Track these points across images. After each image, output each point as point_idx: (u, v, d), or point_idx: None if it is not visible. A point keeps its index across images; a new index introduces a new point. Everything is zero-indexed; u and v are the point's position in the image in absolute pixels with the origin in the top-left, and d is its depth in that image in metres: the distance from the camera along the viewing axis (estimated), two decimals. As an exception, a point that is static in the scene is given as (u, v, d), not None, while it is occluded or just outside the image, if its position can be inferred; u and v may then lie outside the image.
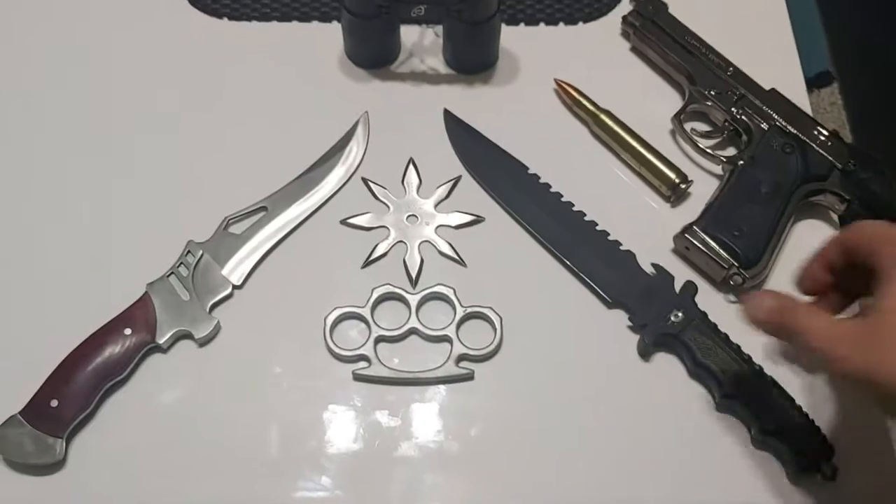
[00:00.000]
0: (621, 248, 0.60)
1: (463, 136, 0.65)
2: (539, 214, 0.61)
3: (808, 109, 0.65)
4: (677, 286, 0.58)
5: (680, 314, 0.56)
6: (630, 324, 0.57)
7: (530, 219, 0.61)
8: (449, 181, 0.63)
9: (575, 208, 0.61)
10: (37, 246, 0.60)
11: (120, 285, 0.57)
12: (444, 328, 0.57)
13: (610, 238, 0.60)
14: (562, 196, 0.62)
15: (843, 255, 0.48)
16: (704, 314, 0.56)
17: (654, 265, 0.58)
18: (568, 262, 0.59)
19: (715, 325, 0.56)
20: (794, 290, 0.59)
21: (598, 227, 0.60)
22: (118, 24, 0.70)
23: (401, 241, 0.61)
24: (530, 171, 0.63)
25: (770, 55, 0.69)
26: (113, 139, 0.65)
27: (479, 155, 0.64)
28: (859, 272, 0.46)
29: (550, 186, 0.62)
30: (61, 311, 0.57)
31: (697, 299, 0.57)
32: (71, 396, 0.52)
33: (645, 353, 0.56)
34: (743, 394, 0.53)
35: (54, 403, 0.52)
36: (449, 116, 0.66)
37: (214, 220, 0.60)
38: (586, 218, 0.61)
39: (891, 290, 0.43)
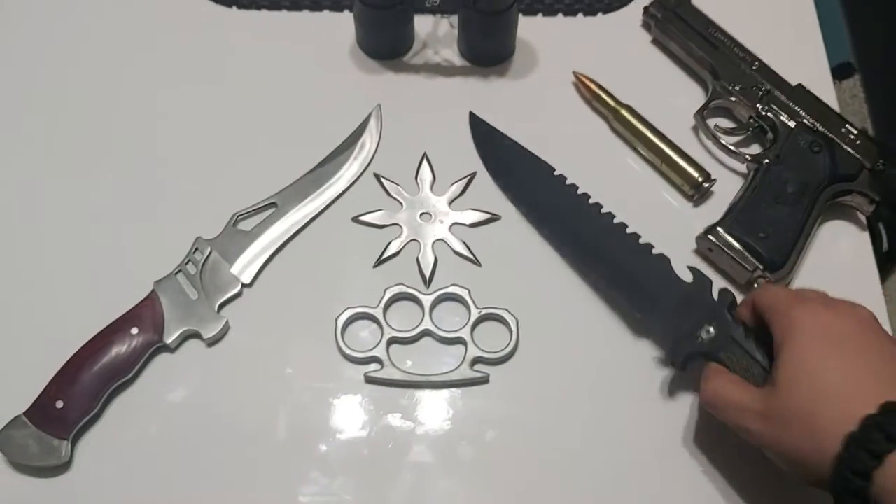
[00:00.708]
0: (654, 251, 0.55)
1: (488, 141, 0.62)
2: (568, 221, 0.58)
3: (835, 105, 0.63)
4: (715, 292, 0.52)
5: (712, 329, 0.49)
6: (657, 352, 0.55)
7: (559, 227, 0.58)
8: (464, 178, 0.61)
9: (604, 210, 0.58)
10: (42, 243, 0.59)
11: (127, 283, 0.55)
12: (458, 330, 0.55)
13: (641, 241, 0.56)
14: (589, 197, 0.58)
15: (754, 317, 0.49)
16: (744, 327, 0.49)
17: (690, 268, 0.53)
18: (599, 273, 0.56)
19: (756, 339, 0.49)
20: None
21: (628, 230, 0.56)
22: (127, 13, 0.69)
23: (414, 240, 0.59)
24: (556, 173, 0.60)
25: (795, 49, 0.67)
26: (120, 133, 0.63)
27: (505, 161, 0.61)
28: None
29: (578, 188, 0.59)
30: (67, 310, 0.56)
31: None
32: (76, 397, 0.51)
33: (678, 367, 0.51)
34: None
35: (59, 404, 0.51)
36: (475, 120, 0.63)
37: (223, 216, 0.59)
38: (616, 220, 0.57)
39: (783, 362, 0.44)
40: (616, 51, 0.67)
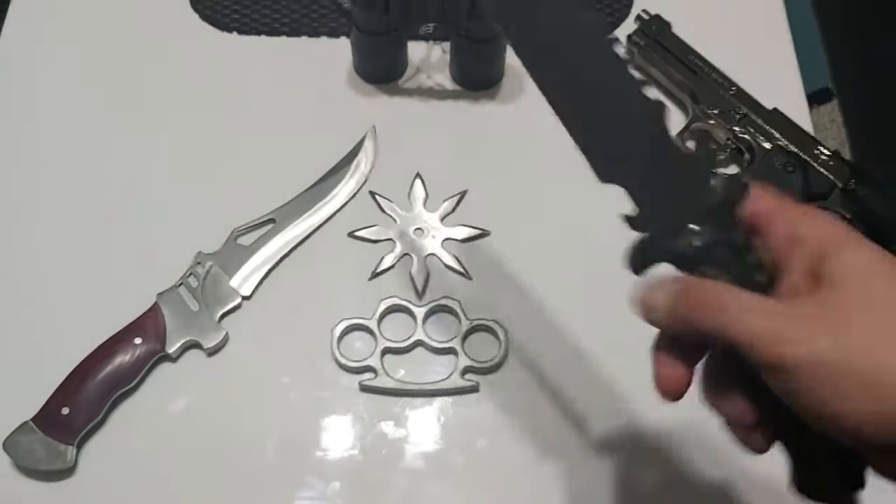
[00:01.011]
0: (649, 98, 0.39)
1: None
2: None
3: (809, 128, 0.66)
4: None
5: (700, 234, 0.35)
6: (630, 214, 0.39)
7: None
8: (455, 195, 0.64)
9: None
10: (50, 257, 0.61)
11: (130, 295, 0.57)
12: (449, 340, 0.57)
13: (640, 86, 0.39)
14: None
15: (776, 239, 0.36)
16: (746, 239, 0.36)
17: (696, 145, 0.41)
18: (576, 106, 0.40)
19: (759, 261, 0.35)
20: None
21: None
22: (127, 36, 0.71)
23: (407, 254, 0.61)
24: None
25: (772, 74, 0.70)
26: (122, 151, 0.65)
27: None
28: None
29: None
30: (73, 321, 0.58)
31: None
32: (82, 404, 0.53)
33: (636, 268, 0.38)
34: None
35: (65, 411, 0.53)
36: None
37: (223, 231, 0.61)
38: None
39: (845, 258, 0.33)
40: (601, 76, 0.70)
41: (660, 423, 0.56)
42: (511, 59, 0.68)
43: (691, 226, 0.36)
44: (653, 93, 0.69)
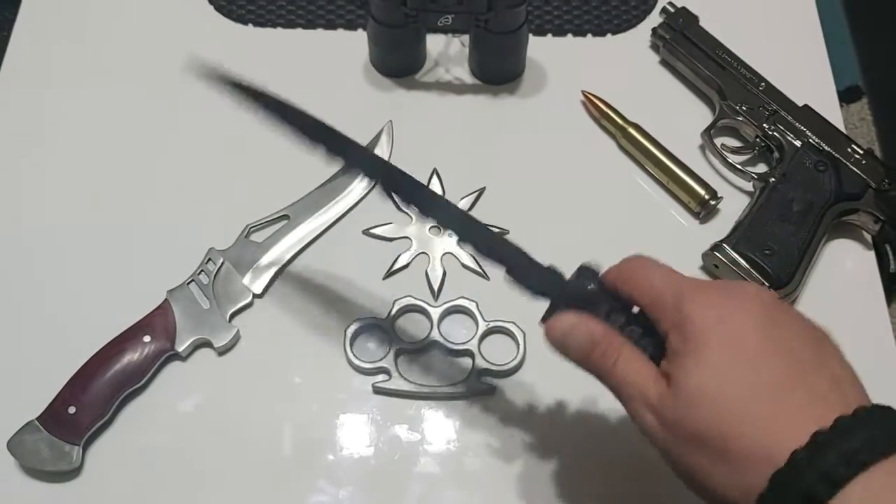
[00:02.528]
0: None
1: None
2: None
3: (840, 126, 0.63)
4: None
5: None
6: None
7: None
8: (473, 192, 0.62)
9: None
10: (57, 251, 0.60)
11: (140, 292, 0.56)
12: (465, 342, 0.56)
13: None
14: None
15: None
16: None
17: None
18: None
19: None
20: (825, 313, 0.58)
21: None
22: (142, 28, 0.70)
23: (423, 253, 0.60)
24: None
25: (802, 70, 0.68)
26: (135, 145, 0.64)
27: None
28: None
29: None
30: (80, 317, 0.57)
31: None
32: (88, 403, 0.52)
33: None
34: None
35: (72, 410, 0.52)
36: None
37: (236, 227, 0.60)
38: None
39: (683, 369, 0.37)
40: (624, 71, 0.68)
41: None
42: (532, 52, 0.67)
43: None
44: (678, 88, 0.67)
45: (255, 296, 0.58)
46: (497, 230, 0.61)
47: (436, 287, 0.58)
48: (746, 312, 0.37)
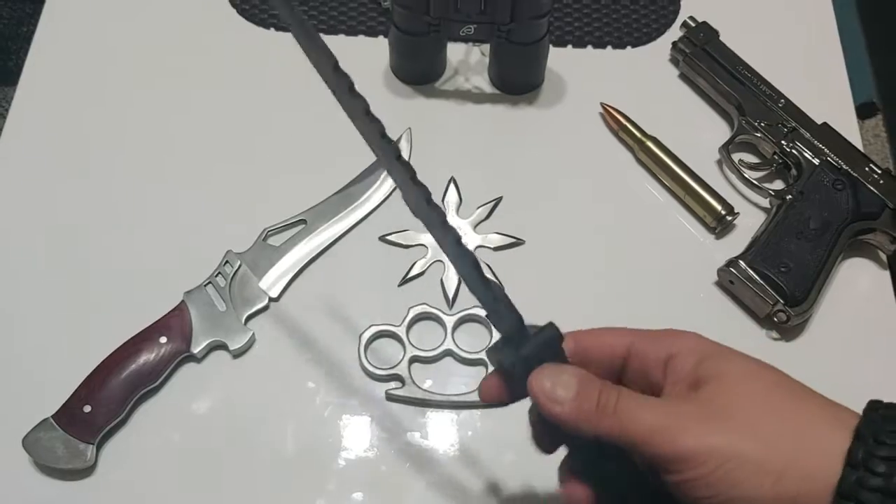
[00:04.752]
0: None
1: None
2: None
3: (858, 144, 0.63)
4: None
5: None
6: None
7: None
8: (489, 202, 0.62)
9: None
10: (75, 251, 0.60)
11: (157, 293, 0.57)
12: (479, 351, 0.56)
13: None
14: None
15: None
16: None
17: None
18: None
19: None
20: (839, 332, 0.58)
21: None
22: (164, 31, 0.71)
23: (438, 261, 0.60)
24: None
25: (821, 88, 0.68)
26: (154, 146, 0.65)
27: None
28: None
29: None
30: (97, 317, 0.57)
31: (737, 338, 0.51)
32: (104, 402, 0.52)
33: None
34: None
35: (87, 409, 0.52)
36: None
37: (254, 231, 0.60)
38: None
39: (714, 393, 0.36)
40: (644, 84, 0.68)
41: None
42: (552, 63, 0.67)
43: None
44: (696, 102, 0.68)
45: (271, 299, 0.58)
46: (512, 240, 0.61)
47: (451, 295, 0.58)
48: (757, 361, 0.37)
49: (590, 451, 0.39)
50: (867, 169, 0.60)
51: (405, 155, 0.64)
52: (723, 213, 0.61)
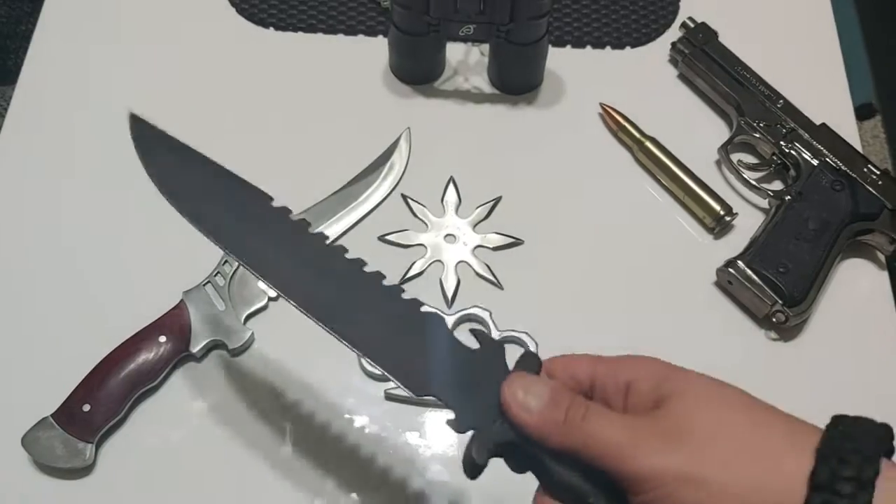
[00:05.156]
0: (421, 308, 0.41)
1: (159, 152, 0.47)
2: (283, 262, 0.42)
3: (857, 145, 0.64)
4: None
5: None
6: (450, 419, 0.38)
7: (270, 269, 0.43)
8: (488, 202, 0.63)
9: (348, 255, 0.42)
10: (74, 250, 0.60)
11: (156, 292, 0.57)
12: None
13: (405, 296, 0.41)
14: (326, 239, 0.43)
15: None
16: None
17: (473, 332, 0.40)
18: (335, 332, 0.42)
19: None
20: (837, 332, 0.58)
21: (383, 281, 0.42)
22: (163, 30, 0.71)
23: (437, 261, 0.60)
24: (275, 204, 0.45)
25: (820, 88, 0.68)
26: (155, 144, 0.65)
27: (188, 180, 0.47)
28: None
29: (307, 226, 0.43)
30: (96, 316, 0.57)
31: (736, 338, 0.53)
32: (103, 401, 0.52)
33: (473, 469, 0.38)
34: None
35: (86, 408, 0.52)
36: (136, 122, 0.48)
37: (253, 230, 0.60)
38: (368, 268, 0.42)
39: (674, 413, 0.35)
40: (643, 84, 0.68)
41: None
42: (551, 63, 0.67)
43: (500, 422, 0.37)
44: (695, 103, 0.68)
45: (270, 299, 0.58)
46: (512, 240, 0.61)
47: (450, 295, 0.58)
48: (715, 380, 0.37)
49: (560, 475, 0.37)
50: (866, 170, 0.60)
51: (404, 157, 0.64)
52: (721, 213, 0.61)
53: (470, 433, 0.38)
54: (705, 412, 0.35)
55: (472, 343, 0.40)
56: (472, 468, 0.38)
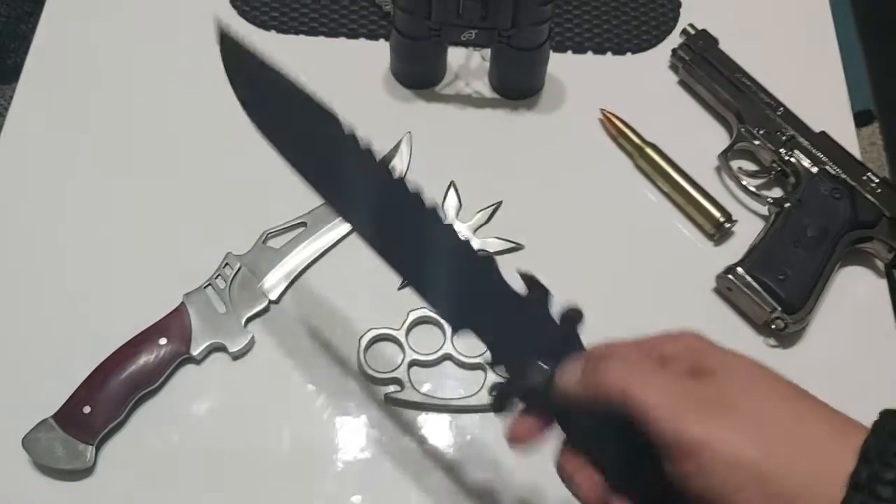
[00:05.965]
0: (476, 251, 0.42)
1: (246, 64, 0.48)
2: (352, 190, 0.45)
3: (856, 153, 0.64)
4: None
5: (547, 368, 0.38)
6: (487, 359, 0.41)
7: (338, 195, 0.45)
8: (489, 206, 0.63)
9: (410, 188, 0.43)
10: (75, 251, 0.60)
11: (156, 294, 0.57)
12: (478, 356, 0.56)
13: (461, 237, 0.42)
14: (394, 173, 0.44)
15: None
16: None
17: (522, 274, 0.41)
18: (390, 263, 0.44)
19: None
20: (836, 340, 0.58)
21: (443, 219, 0.42)
22: (164, 31, 0.71)
23: (438, 265, 0.60)
24: (347, 131, 0.45)
25: (819, 96, 0.68)
26: (155, 147, 0.65)
27: (268, 94, 0.48)
28: None
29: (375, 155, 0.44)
30: (97, 318, 0.57)
31: (735, 344, 0.53)
32: (103, 403, 0.52)
33: (497, 408, 0.40)
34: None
35: (87, 409, 0.52)
36: (226, 39, 0.48)
37: (254, 233, 0.60)
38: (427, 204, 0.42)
39: (719, 355, 0.36)
40: (643, 90, 0.69)
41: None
42: (552, 68, 0.67)
43: (540, 363, 0.38)
44: (695, 109, 0.68)
45: (270, 302, 0.58)
46: (512, 245, 0.61)
47: (450, 299, 0.59)
48: (750, 361, 0.37)
49: (590, 431, 0.38)
50: (865, 178, 0.61)
51: (405, 161, 0.64)
52: (721, 220, 0.61)
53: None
54: (751, 392, 0.34)
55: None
56: (495, 408, 0.41)
